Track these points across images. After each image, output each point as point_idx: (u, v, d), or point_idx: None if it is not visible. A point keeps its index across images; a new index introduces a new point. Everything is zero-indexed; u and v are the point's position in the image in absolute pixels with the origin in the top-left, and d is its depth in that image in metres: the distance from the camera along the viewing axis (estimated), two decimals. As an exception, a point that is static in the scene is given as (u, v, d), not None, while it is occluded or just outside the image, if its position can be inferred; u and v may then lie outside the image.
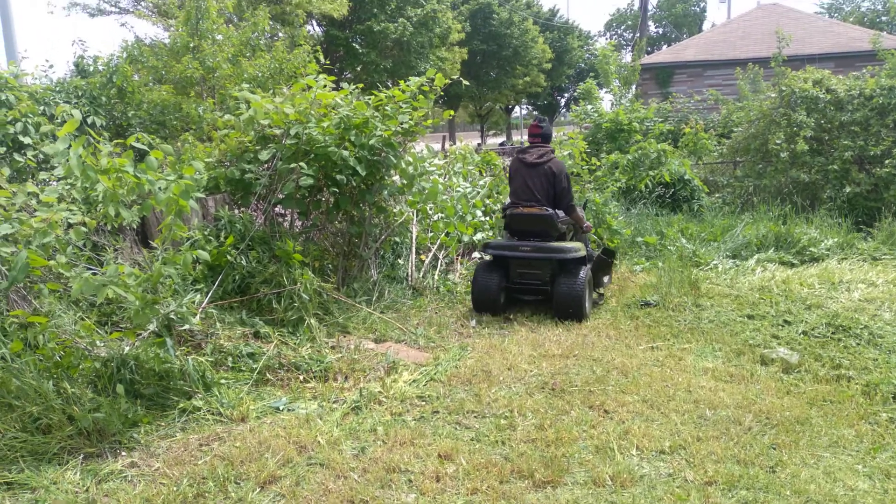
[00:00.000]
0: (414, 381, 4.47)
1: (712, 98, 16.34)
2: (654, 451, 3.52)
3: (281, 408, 4.06)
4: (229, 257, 5.22)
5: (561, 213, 6.25)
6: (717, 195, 11.64)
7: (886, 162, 10.18)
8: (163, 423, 3.79)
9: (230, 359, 4.51)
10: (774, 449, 3.55)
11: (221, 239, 5.38)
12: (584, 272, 6.02)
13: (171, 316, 4.33)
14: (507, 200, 6.49)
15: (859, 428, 3.79)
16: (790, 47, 13.75)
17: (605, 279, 6.78)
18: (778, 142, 10.97)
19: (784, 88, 11.42)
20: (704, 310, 6.11)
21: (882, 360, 4.81)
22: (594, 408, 4.07)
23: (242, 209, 6.03)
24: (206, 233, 5.37)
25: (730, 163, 12.64)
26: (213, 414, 3.91)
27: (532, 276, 6.18)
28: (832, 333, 5.40)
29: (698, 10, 65.89)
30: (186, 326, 4.41)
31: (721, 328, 5.64)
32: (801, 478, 3.24)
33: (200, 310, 4.68)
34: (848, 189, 10.27)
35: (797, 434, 3.71)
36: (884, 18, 41.38)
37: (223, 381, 4.26)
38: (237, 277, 5.26)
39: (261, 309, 5.19)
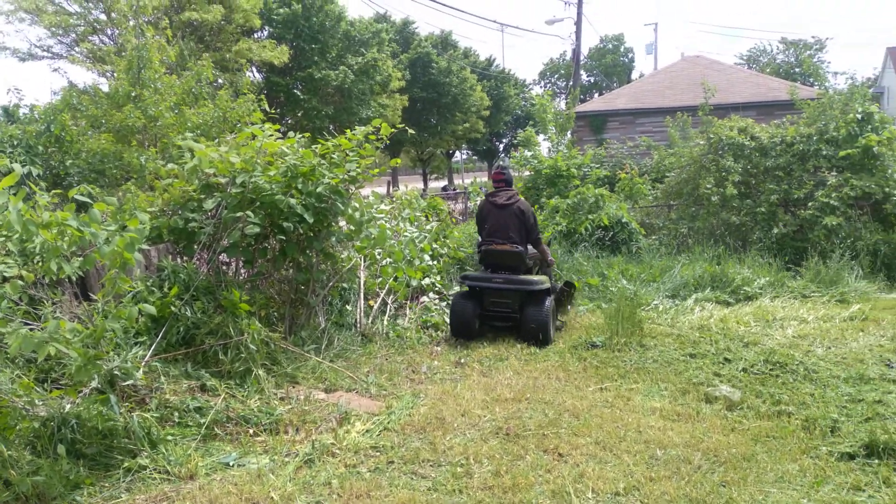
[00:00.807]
0: (367, 431, 4.41)
1: (644, 144, 17.03)
2: (610, 494, 3.57)
3: (231, 463, 3.94)
4: (173, 308, 5.09)
5: (530, 248, 7.04)
6: (653, 237, 12.04)
7: (809, 204, 10.79)
8: (107, 484, 3.62)
9: (176, 414, 4.36)
10: (724, 487, 3.64)
11: (165, 290, 5.24)
12: (549, 302, 6.74)
13: (115, 371, 4.17)
14: (479, 239, 7.27)
15: (802, 462, 3.93)
16: (715, 97, 14.52)
17: (568, 308, 7.64)
18: (708, 186, 11.50)
19: (712, 136, 12.03)
20: (649, 349, 6.27)
21: (818, 395, 5.03)
22: (549, 451, 4.10)
23: (186, 259, 5.91)
24: (149, 284, 5.23)
25: (664, 206, 13.15)
26: (159, 472, 3.76)
27: (503, 304, 6.89)
28: (770, 370, 5.62)
29: (626, 60, 69.02)
30: (130, 381, 4.26)
31: (665, 367, 5.79)
32: (751, 513, 3.33)
33: (144, 364, 4.53)
34: (776, 230, 10.81)
35: (744, 471, 3.82)
36: (797, 70, 44.21)
37: (170, 437, 4.11)
38: (182, 329, 5.13)
39: (207, 361, 5.06)
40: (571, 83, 34.13)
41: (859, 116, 11.13)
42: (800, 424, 4.49)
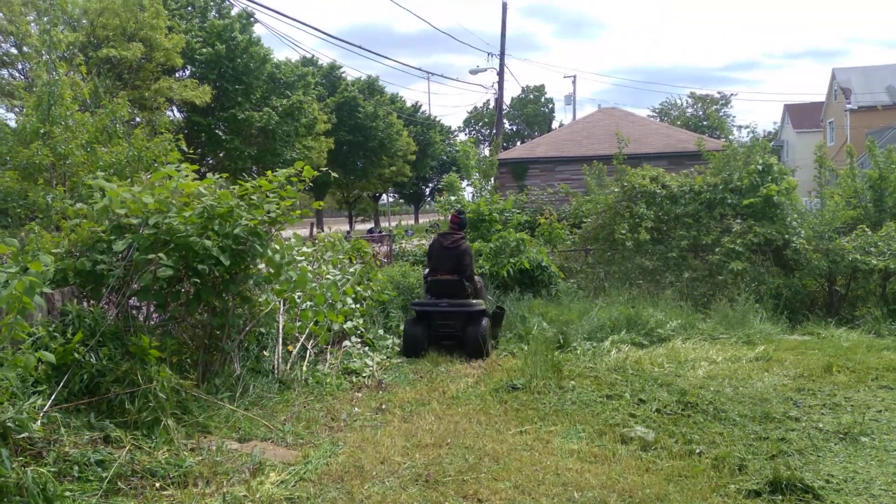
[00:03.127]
0: (282, 481, 4.26)
1: (563, 191, 17.57)
2: (528, 538, 3.56)
3: (134, 521, 3.72)
4: (77, 355, 4.82)
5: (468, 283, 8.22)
6: (572, 280, 12.34)
7: (717, 250, 11.35)
8: (-9, 549, 3.34)
9: (76, 468, 4.09)
10: (638, 526, 3.70)
11: (69, 335, 4.97)
12: (486, 321, 8.08)
13: (8, 423, 3.89)
14: (426, 270, 8.70)
15: (712, 501, 4.05)
16: (629, 147, 15.20)
17: (497, 330, 8.72)
18: (623, 231, 11.94)
19: (626, 184, 12.56)
20: (567, 391, 6.37)
21: (727, 434, 5.21)
22: (468, 498, 4.07)
23: (93, 302, 5.64)
24: (50, 329, 4.93)
25: (582, 250, 13.55)
26: (53, 533, 3.51)
27: (448, 325, 8.09)
28: (682, 410, 5.79)
29: (547, 110, 71.64)
30: (25, 434, 3.97)
31: (584, 409, 5.89)
32: (663, 553, 3.39)
33: (42, 414, 4.25)
34: (686, 274, 11.30)
35: (658, 510, 3.90)
36: (705, 123, 46.97)
37: (67, 493, 3.84)
38: (86, 377, 4.86)
39: (112, 410, 4.80)
40: (494, 131, 35.05)
41: (760, 167, 11.88)
42: (710, 463, 4.63)
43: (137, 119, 18.09)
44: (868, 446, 4.94)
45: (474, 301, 8.18)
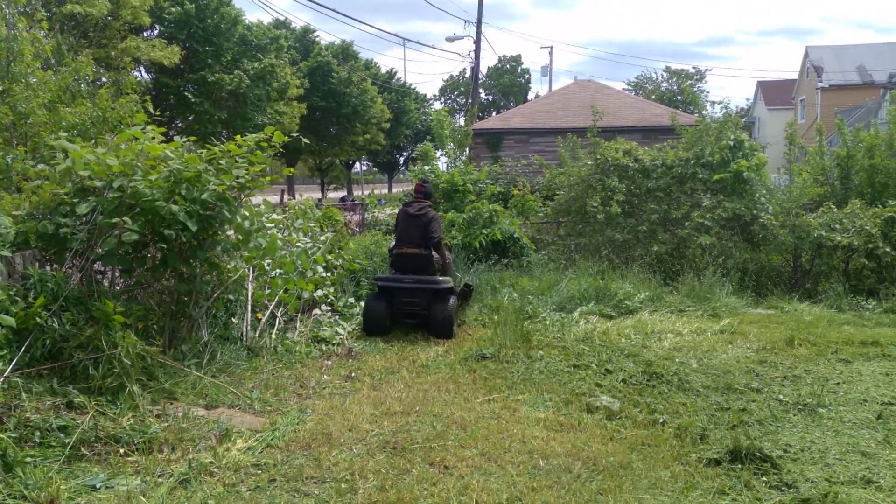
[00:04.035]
0: (249, 448, 4.25)
1: (537, 163, 17.56)
2: (493, 505, 3.61)
3: (98, 486, 3.68)
4: (39, 320, 4.73)
5: (436, 255, 7.65)
6: (543, 252, 12.40)
7: (686, 224, 11.47)
8: (-51, 515, 3.29)
9: (38, 433, 4.04)
10: (601, 494, 3.77)
11: (30, 300, 4.86)
12: (453, 300, 7.55)
13: (-35, 388, 3.81)
14: (393, 243, 8.01)
15: (674, 469, 4.13)
16: (603, 120, 15.19)
17: (465, 306, 8.31)
18: (595, 204, 11.99)
19: (599, 157, 12.58)
20: (536, 361, 6.43)
21: (689, 404, 5.32)
22: (435, 465, 4.10)
23: (56, 266, 5.51)
24: (11, 293, 4.82)
25: (554, 222, 13.60)
26: (15, 498, 3.45)
27: (413, 303, 7.52)
28: (647, 380, 5.89)
29: (523, 81, 71.25)
30: (-17, 400, 3.90)
31: (551, 378, 5.96)
32: (625, 519, 3.47)
33: (3, 379, 4.17)
34: (655, 248, 11.41)
35: (621, 478, 3.97)
36: (679, 98, 47.17)
37: (29, 459, 3.78)
38: (48, 342, 4.78)
39: (75, 376, 4.73)
40: (470, 101, 34.79)
41: (731, 143, 11.98)
42: (672, 432, 4.73)
43: (104, 79, 17.57)
44: (825, 417, 5.08)
45: (441, 278, 7.64)
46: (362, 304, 8.33)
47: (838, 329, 8.19)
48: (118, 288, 5.95)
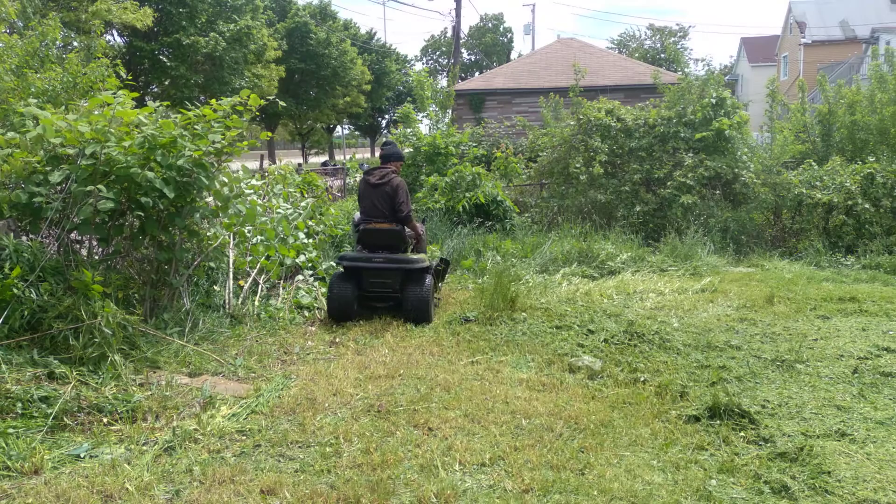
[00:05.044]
0: (233, 415, 4.26)
1: (520, 124, 17.44)
2: (476, 465, 3.66)
3: (82, 455, 3.68)
4: (16, 290, 4.67)
5: (408, 229, 6.89)
6: (526, 215, 12.40)
7: (668, 184, 11.49)
8: (-69, 488, 3.28)
9: (19, 404, 4.02)
10: (583, 452, 3.83)
11: (6, 270, 4.79)
12: (429, 280, 6.72)
13: (-59, 362, 3.77)
14: (357, 216, 7.09)
15: (654, 426, 4.20)
16: (586, 79, 15.05)
17: (440, 284, 7.65)
18: (577, 165, 11.97)
19: (581, 117, 12.50)
20: (519, 323, 6.47)
21: (670, 363, 5.40)
22: (419, 426, 4.14)
23: (32, 236, 5.42)
24: (-15, 264, 4.75)
25: (537, 185, 13.56)
26: (-4, 470, 3.45)
27: (383, 284, 6.75)
28: (629, 340, 5.96)
29: (506, 40, 70.31)
30: (-39, 373, 3.86)
31: (534, 339, 6.00)
32: (606, 477, 3.53)
33: (-21, 352, 4.13)
34: (638, 208, 11.44)
35: (602, 436, 4.03)
36: (662, 56, 46.82)
37: (10, 430, 3.77)
38: (26, 313, 4.73)
39: (56, 347, 4.70)
40: (452, 61, 34.31)
41: (713, 101, 11.94)
42: (653, 391, 4.80)
43: (74, 44, 17.11)
44: (803, 373, 5.18)
45: (416, 256, 6.84)
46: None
47: (817, 286, 8.30)
48: (96, 257, 5.87)
